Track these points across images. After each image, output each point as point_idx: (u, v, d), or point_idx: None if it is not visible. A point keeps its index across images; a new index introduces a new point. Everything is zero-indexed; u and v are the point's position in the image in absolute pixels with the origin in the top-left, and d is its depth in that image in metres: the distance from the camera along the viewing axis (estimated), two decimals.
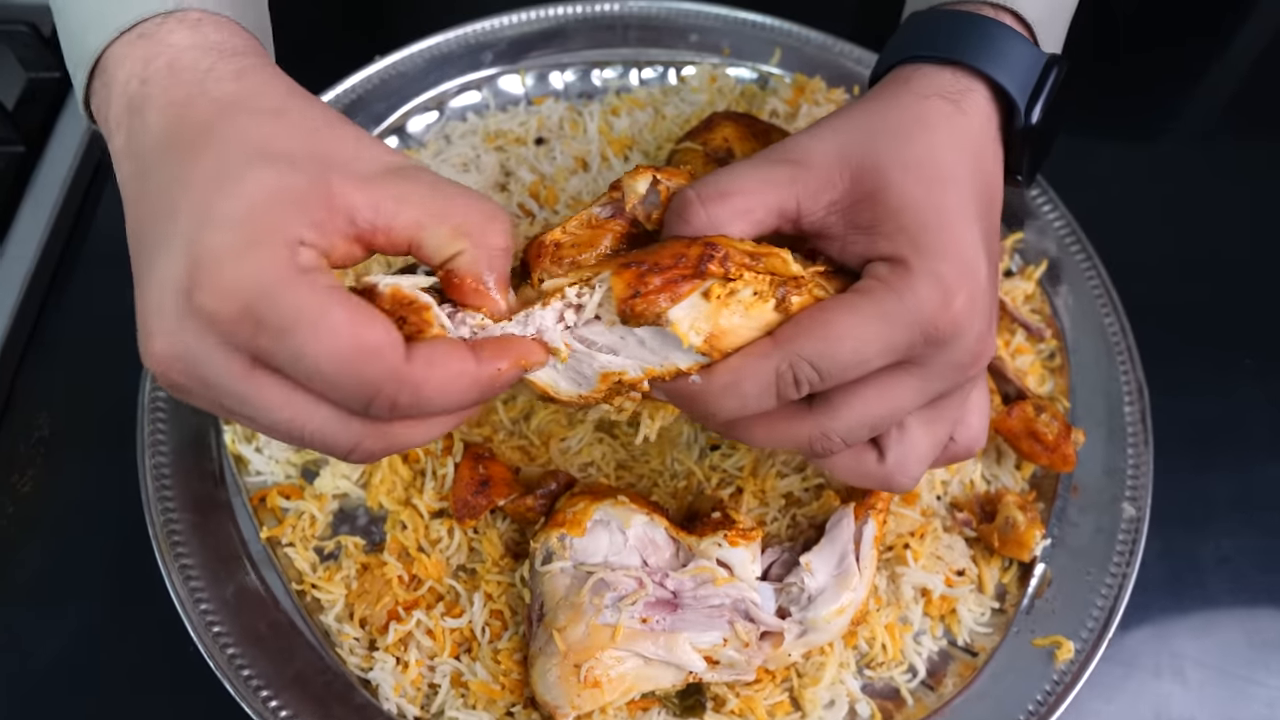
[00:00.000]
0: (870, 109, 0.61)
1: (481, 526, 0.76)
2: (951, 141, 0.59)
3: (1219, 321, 0.98)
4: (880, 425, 0.59)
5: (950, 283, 0.55)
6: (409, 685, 0.71)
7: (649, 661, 0.66)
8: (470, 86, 1.02)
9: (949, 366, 0.57)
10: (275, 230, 0.47)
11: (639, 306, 0.55)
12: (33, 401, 0.86)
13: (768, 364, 0.55)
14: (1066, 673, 0.73)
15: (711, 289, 0.56)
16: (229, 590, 0.73)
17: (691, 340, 0.56)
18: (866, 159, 0.57)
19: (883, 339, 0.54)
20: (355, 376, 0.47)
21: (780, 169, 0.59)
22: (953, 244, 0.56)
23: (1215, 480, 0.88)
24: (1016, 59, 0.62)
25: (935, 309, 0.54)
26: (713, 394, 0.57)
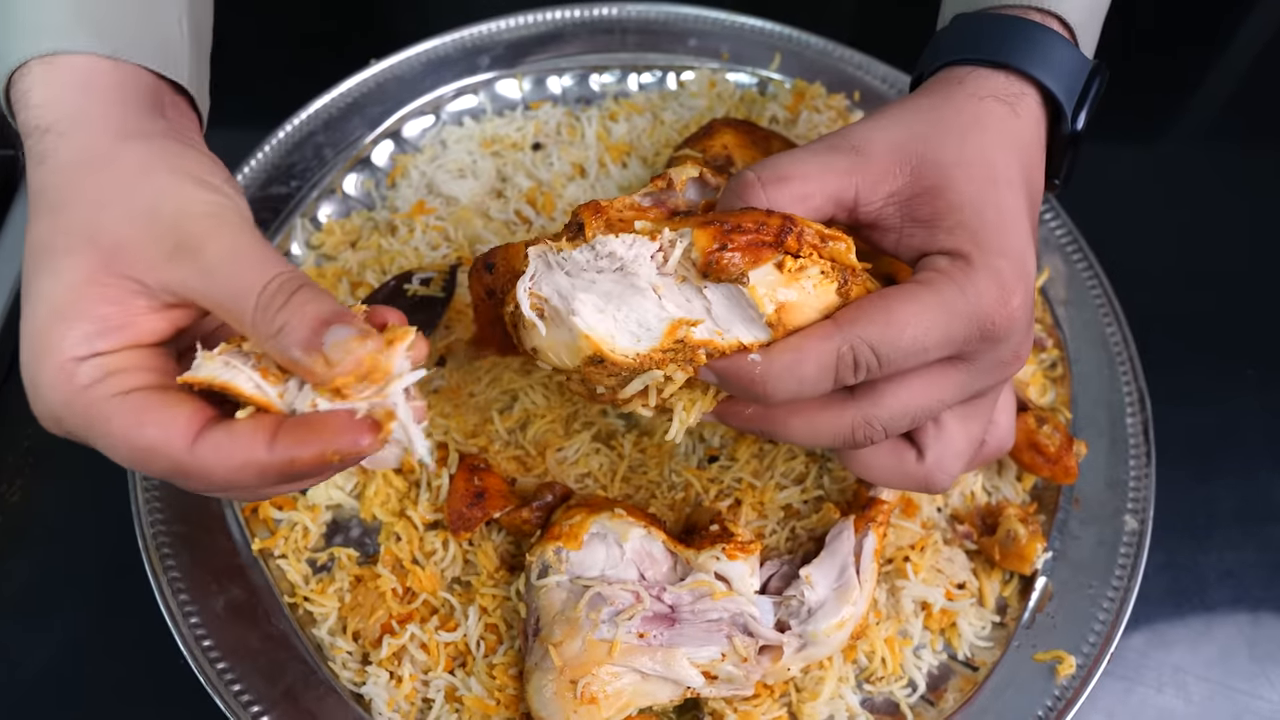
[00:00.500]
0: (928, 105, 0.62)
1: (477, 539, 0.75)
2: (1005, 142, 0.60)
3: (1221, 331, 0.97)
4: (921, 417, 0.59)
5: (1009, 280, 0.56)
6: (402, 700, 0.70)
7: (646, 677, 0.66)
8: (467, 91, 1.01)
9: (994, 363, 0.58)
10: (52, 353, 0.52)
11: (724, 260, 0.54)
12: (22, 411, 0.84)
13: (829, 345, 0.55)
14: (1068, 687, 0.72)
15: (785, 261, 0.55)
16: (220, 603, 0.72)
17: (766, 308, 0.55)
18: (928, 154, 0.59)
19: (943, 329, 0.55)
20: (146, 469, 0.53)
21: (841, 157, 0.59)
22: (1011, 242, 0.57)
23: (1218, 491, 0.87)
24: (1064, 65, 0.63)
25: (995, 304, 0.55)
26: (773, 373, 0.56)
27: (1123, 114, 1.12)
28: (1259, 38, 1.27)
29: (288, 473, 0.51)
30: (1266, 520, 0.86)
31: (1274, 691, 0.78)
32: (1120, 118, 1.10)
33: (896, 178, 0.59)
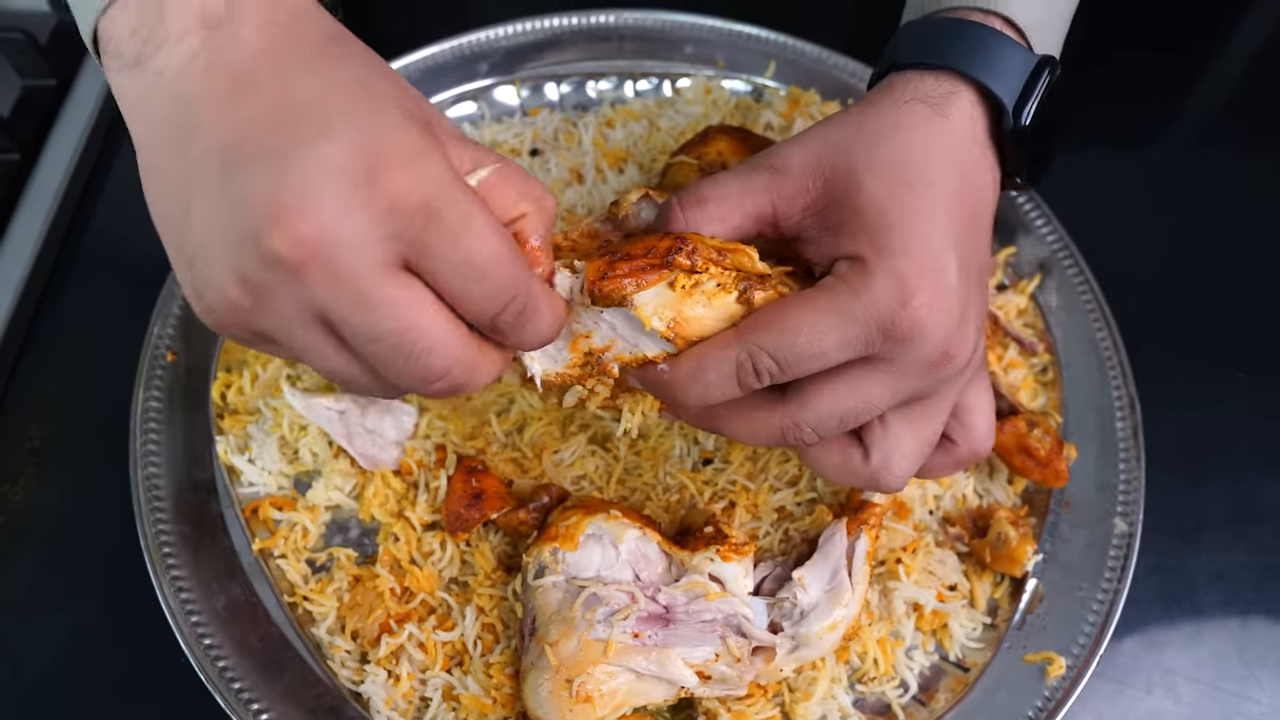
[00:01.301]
0: (851, 116, 0.62)
1: (474, 539, 0.76)
2: (927, 144, 0.59)
3: (1211, 335, 0.98)
4: (851, 418, 0.60)
5: (910, 280, 0.56)
6: (400, 699, 0.71)
7: (641, 676, 0.66)
8: (465, 97, 1.02)
9: (918, 364, 0.58)
10: (438, 141, 0.48)
11: (606, 287, 0.58)
12: (25, 411, 0.86)
13: (729, 353, 0.58)
14: (1058, 688, 0.73)
15: (677, 279, 0.59)
16: (220, 602, 0.73)
17: (654, 324, 0.59)
18: (840, 163, 0.59)
19: (837, 333, 0.56)
20: (507, 276, 0.49)
21: (758, 176, 0.61)
22: (915, 243, 0.57)
23: (1208, 494, 0.88)
24: (1003, 62, 0.62)
25: (893, 305, 0.56)
26: (679, 381, 0.60)
27: (1113, 119, 1.14)
28: (1255, 40, 1.27)
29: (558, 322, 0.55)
30: (1257, 523, 0.87)
31: (1263, 693, 0.79)
32: (1111, 123, 1.11)
33: (810, 190, 0.60)
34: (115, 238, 0.97)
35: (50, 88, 1.02)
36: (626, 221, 0.67)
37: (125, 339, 0.84)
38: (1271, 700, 0.78)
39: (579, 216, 0.92)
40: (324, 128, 0.45)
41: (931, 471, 0.70)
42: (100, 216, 0.98)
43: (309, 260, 0.44)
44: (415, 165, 0.46)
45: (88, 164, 1.00)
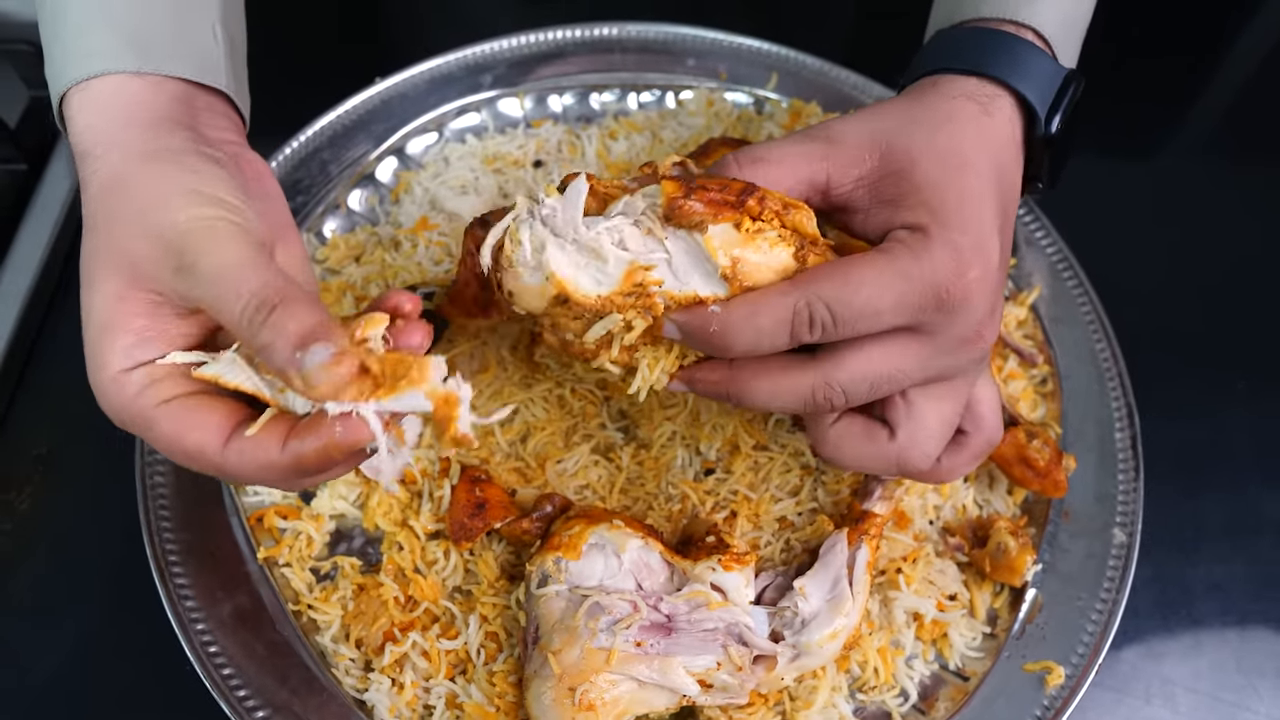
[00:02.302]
0: (900, 105, 0.66)
1: (478, 549, 0.77)
2: (976, 136, 0.63)
3: (1211, 346, 0.99)
4: (882, 385, 0.61)
5: (966, 254, 0.58)
6: (404, 707, 0.71)
7: (643, 685, 0.67)
8: (469, 109, 1.03)
9: (953, 339, 0.60)
10: (104, 366, 0.56)
11: (686, 207, 0.59)
12: (32, 419, 0.87)
13: (787, 300, 0.59)
14: (1057, 698, 0.73)
15: (743, 222, 0.60)
16: (225, 610, 0.73)
17: (719, 260, 0.59)
18: (897, 142, 0.62)
19: (897, 292, 0.58)
20: (195, 468, 0.58)
21: (815, 144, 0.64)
22: (971, 221, 0.59)
23: (1206, 505, 0.89)
24: (1038, 72, 0.66)
25: (950, 274, 0.58)
26: (731, 323, 0.60)
27: (1116, 129, 1.14)
28: (1257, 52, 1.28)
29: (301, 470, 0.55)
30: (1255, 534, 0.87)
31: (1261, 703, 0.79)
32: (1113, 133, 1.12)
33: (866, 162, 0.63)
34: None
35: None
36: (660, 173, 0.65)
37: None
38: (1270, 710, 0.78)
39: None
40: (83, 324, 0.58)
41: (950, 471, 0.70)
42: None
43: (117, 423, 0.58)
44: (97, 395, 0.57)
45: None
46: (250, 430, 0.56)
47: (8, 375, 0.87)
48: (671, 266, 0.60)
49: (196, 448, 0.56)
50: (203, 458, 0.56)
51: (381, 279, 0.89)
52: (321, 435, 0.53)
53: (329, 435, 0.53)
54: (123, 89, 0.61)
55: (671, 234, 0.60)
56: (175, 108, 0.62)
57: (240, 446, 0.56)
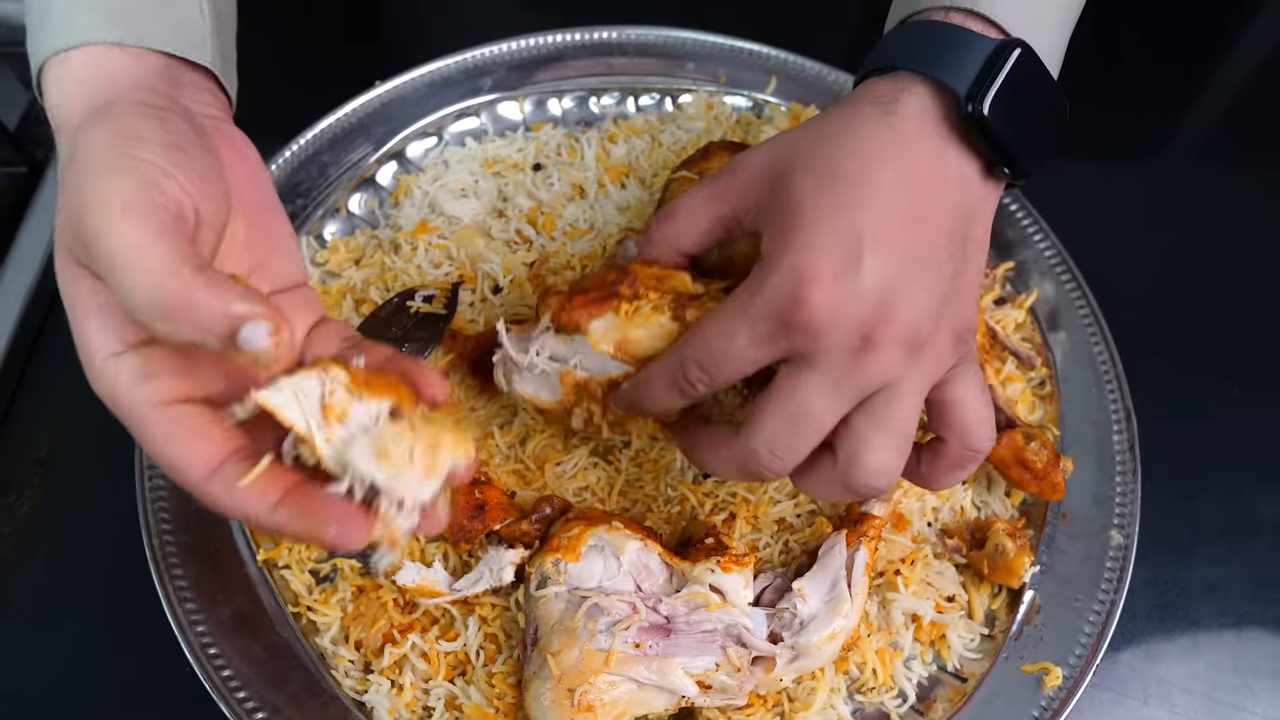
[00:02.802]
0: (809, 122, 0.65)
1: (477, 550, 0.77)
2: (867, 142, 0.60)
3: (1208, 350, 0.99)
4: (801, 426, 0.59)
5: (806, 272, 0.56)
6: (404, 708, 0.71)
7: (642, 686, 0.67)
8: (469, 112, 1.03)
9: (839, 354, 0.57)
10: (90, 353, 0.53)
11: (563, 318, 0.69)
12: (32, 421, 0.87)
13: (666, 365, 0.64)
14: (1054, 699, 0.73)
15: (621, 306, 0.67)
16: (225, 612, 0.73)
17: (602, 346, 0.67)
18: (784, 164, 0.62)
19: (744, 331, 0.58)
20: (171, 477, 0.54)
21: (717, 182, 0.66)
22: (822, 236, 0.57)
23: (1202, 507, 0.89)
24: (957, 52, 0.61)
25: (785, 298, 0.57)
26: (635, 394, 0.66)
27: (1113, 134, 1.15)
28: (1254, 56, 1.29)
29: (279, 534, 0.57)
30: (1251, 536, 0.88)
31: (1258, 704, 0.79)
32: (1109, 138, 1.12)
33: (758, 191, 0.63)
34: None
35: None
36: (614, 260, 0.75)
37: None
38: (1266, 710, 0.79)
39: (581, 230, 0.93)
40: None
41: (930, 478, 0.68)
42: None
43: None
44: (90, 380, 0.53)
45: None
46: (243, 481, 0.53)
47: (8, 376, 0.87)
48: (589, 359, 0.69)
49: (182, 464, 0.53)
50: (184, 475, 0.53)
51: (381, 282, 0.90)
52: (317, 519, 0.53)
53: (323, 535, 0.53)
54: (101, 60, 0.58)
55: (573, 338, 0.69)
56: (157, 81, 0.59)
57: (229, 481, 0.53)
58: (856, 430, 0.60)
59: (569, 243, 0.92)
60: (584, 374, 0.70)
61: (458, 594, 0.73)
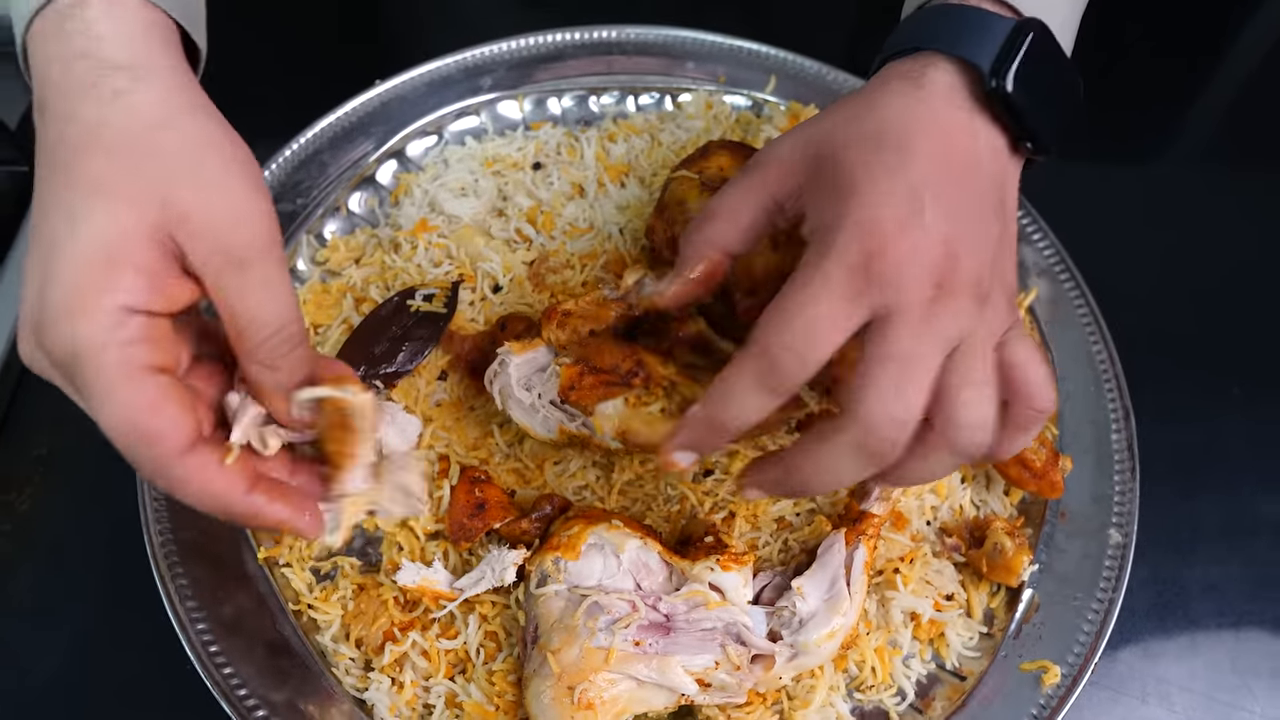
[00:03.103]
0: (835, 105, 0.65)
1: (477, 549, 0.77)
2: (903, 114, 0.61)
3: (1207, 349, 0.99)
4: (908, 376, 0.57)
5: (873, 226, 0.56)
6: (404, 706, 0.71)
7: (642, 684, 0.67)
8: (469, 111, 1.03)
9: (921, 304, 0.56)
10: (104, 293, 0.51)
11: (573, 398, 0.73)
12: (33, 420, 0.87)
13: (744, 364, 0.58)
14: (1053, 697, 0.73)
15: (629, 398, 0.73)
16: (226, 610, 0.73)
17: (605, 431, 0.74)
18: (824, 144, 0.62)
19: (823, 297, 0.56)
20: (125, 449, 0.53)
21: (752, 175, 0.65)
22: (879, 196, 0.57)
23: (1202, 507, 0.89)
24: (979, 32, 0.63)
25: (860, 248, 0.56)
26: (714, 409, 0.60)
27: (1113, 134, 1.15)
28: (1254, 58, 1.29)
29: (246, 521, 0.57)
30: (1250, 535, 0.88)
31: (1256, 703, 0.79)
32: (1109, 138, 1.12)
33: (798, 174, 0.63)
34: None
35: None
36: (629, 297, 0.77)
37: None
38: (1265, 709, 0.79)
39: (581, 229, 0.93)
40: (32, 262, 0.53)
41: (998, 445, 0.64)
42: None
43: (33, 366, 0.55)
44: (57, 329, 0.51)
45: None
46: (229, 458, 0.55)
47: (7, 376, 0.87)
48: (585, 427, 0.75)
49: (165, 431, 0.52)
50: (161, 445, 0.52)
51: (381, 281, 0.90)
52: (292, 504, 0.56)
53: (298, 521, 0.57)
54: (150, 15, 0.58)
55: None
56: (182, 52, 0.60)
57: (205, 462, 0.54)
58: (948, 391, 0.59)
59: (569, 241, 0.92)
60: (583, 431, 0.74)
61: (460, 595, 0.73)
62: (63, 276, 0.52)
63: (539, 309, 0.87)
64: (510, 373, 0.77)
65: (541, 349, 0.77)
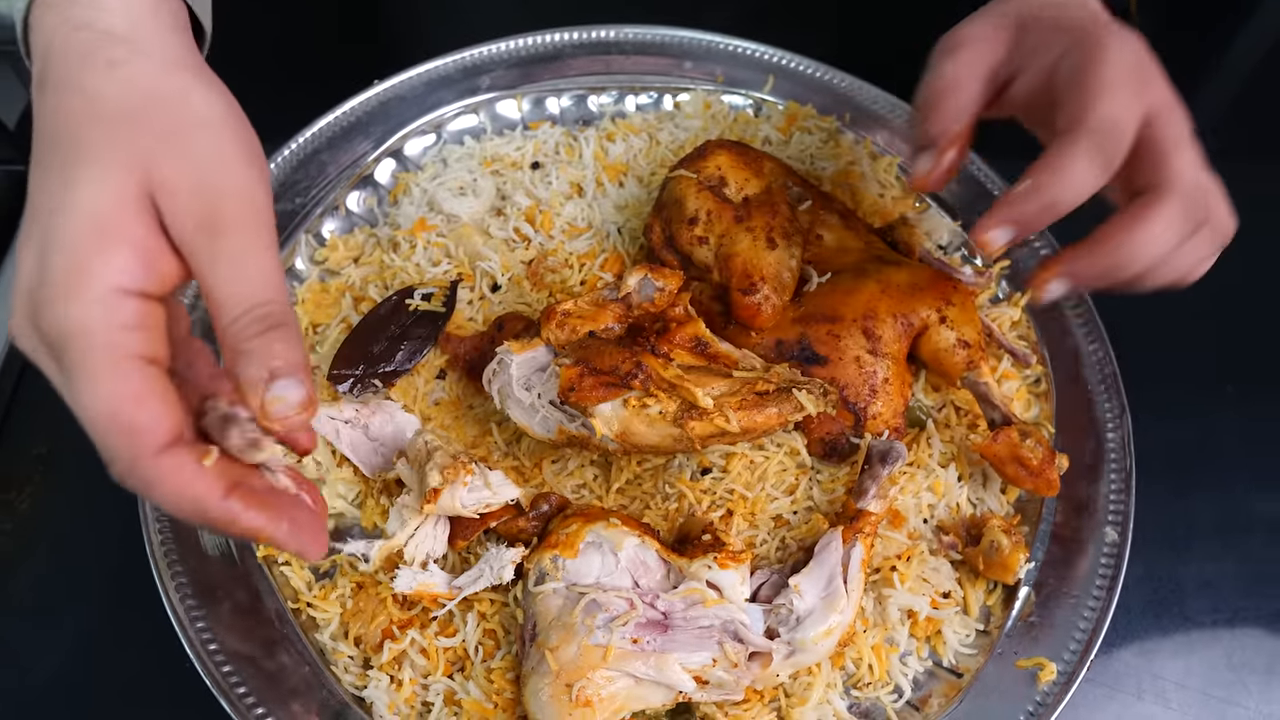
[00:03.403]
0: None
1: (475, 547, 0.77)
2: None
3: (1202, 348, 0.99)
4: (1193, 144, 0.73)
5: (1120, 37, 0.70)
6: (403, 704, 0.72)
7: (639, 681, 0.68)
8: (468, 110, 1.04)
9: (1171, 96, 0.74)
10: (94, 276, 0.50)
11: (573, 398, 0.73)
12: (32, 420, 0.87)
13: (1078, 142, 0.68)
14: (1050, 694, 0.74)
15: (629, 399, 0.73)
16: (225, 607, 0.74)
17: (604, 433, 0.73)
18: (1022, 15, 0.74)
19: (1117, 87, 0.68)
20: (101, 439, 0.51)
21: (961, 53, 0.75)
22: (1102, 19, 0.73)
23: (1197, 504, 0.90)
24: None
25: (1126, 56, 0.70)
26: (1048, 185, 0.69)
27: None
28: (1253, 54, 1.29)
29: (222, 526, 0.53)
30: (1245, 532, 0.88)
31: (1251, 698, 0.80)
32: None
33: (1007, 43, 0.74)
34: None
35: None
36: (630, 298, 0.79)
37: None
38: (1259, 705, 0.79)
39: (579, 228, 0.94)
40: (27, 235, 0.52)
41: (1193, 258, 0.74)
42: None
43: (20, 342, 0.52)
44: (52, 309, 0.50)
45: None
46: (208, 460, 0.52)
47: (7, 376, 0.88)
48: (584, 428, 0.74)
49: (147, 425, 0.50)
50: (141, 439, 0.50)
51: (380, 280, 0.90)
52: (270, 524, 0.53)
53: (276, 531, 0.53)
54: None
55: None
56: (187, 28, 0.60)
57: (182, 463, 0.51)
58: (1210, 192, 0.74)
59: (567, 241, 0.93)
60: (582, 432, 0.74)
61: (459, 594, 0.73)
62: (59, 247, 0.51)
63: (537, 308, 0.87)
64: (511, 372, 0.77)
65: (541, 349, 0.78)
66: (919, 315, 0.83)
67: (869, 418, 0.81)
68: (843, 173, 0.99)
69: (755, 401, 0.75)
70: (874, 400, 0.81)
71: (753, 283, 0.80)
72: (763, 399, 0.75)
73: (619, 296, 0.80)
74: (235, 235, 0.53)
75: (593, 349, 0.76)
